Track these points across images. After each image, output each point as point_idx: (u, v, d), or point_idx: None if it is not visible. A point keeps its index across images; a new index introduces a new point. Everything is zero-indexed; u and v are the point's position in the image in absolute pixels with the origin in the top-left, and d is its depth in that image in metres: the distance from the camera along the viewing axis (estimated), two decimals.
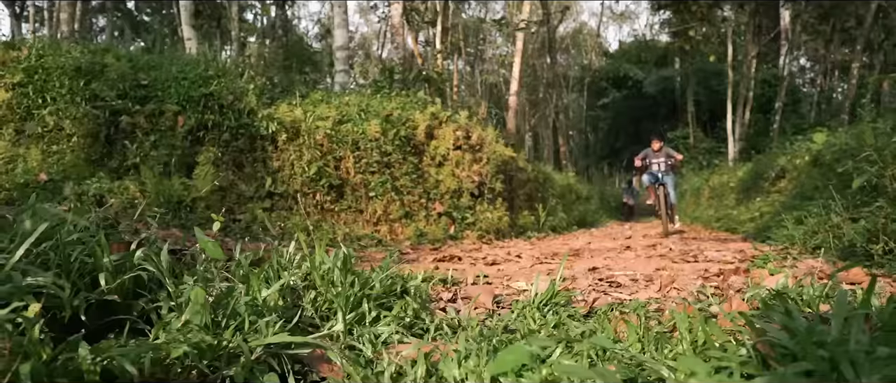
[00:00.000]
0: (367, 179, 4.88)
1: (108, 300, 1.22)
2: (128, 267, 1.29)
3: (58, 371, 0.82)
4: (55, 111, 4.26)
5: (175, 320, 1.14)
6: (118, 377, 0.88)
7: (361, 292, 1.47)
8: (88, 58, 4.57)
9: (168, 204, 4.10)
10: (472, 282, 2.35)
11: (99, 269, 1.24)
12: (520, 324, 1.45)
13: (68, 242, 1.32)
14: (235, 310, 1.17)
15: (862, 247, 2.91)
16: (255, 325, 1.14)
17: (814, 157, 5.38)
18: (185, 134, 4.41)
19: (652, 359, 1.06)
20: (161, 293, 1.29)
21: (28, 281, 1.04)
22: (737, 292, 1.97)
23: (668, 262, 3.35)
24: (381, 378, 1.07)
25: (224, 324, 1.13)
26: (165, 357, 0.95)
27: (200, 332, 1.05)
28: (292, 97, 5.11)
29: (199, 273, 1.35)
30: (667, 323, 1.40)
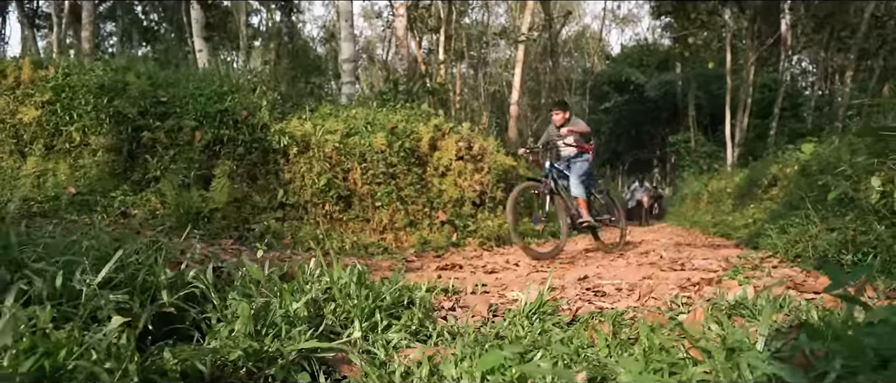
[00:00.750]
0: (374, 190, 5.13)
1: (166, 311, 1.47)
2: (181, 283, 1.54)
3: (148, 370, 1.07)
4: (81, 128, 4.54)
5: (223, 329, 1.38)
6: (189, 375, 1.13)
7: (374, 303, 1.72)
8: (111, 75, 4.85)
9: (187, 215, 4.36)
10: (471, 291, 2.60)
11: (158, 287, 1.48)
12: (509, 332, 1.69)
13: (130, 262, 1.56)
14: (273, 321, 1.42)
15: (834, 257, 3.14)
16: (289, 333, 1.39)
17: (802, 167, 5.60)
18: (202, 148, 4.68)
19: (614, 362, 1.30)
20: (207, 305, 1.53)
21: (111, 298, 1.29)
22: (708, 301, 2.21)
23: (656, 271, 3.58)
24: (393, 377, 1.31)
25: (264, 332, 1.38)
26: (222, 359, 1.20)
27: (246, 339, 1.30)
28: (302, 111, 5.37)
29: (240, 288, 1.60)
30: (633, 331, 1.64)
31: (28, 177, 4.28)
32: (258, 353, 1.28)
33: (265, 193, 4.74)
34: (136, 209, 4.28)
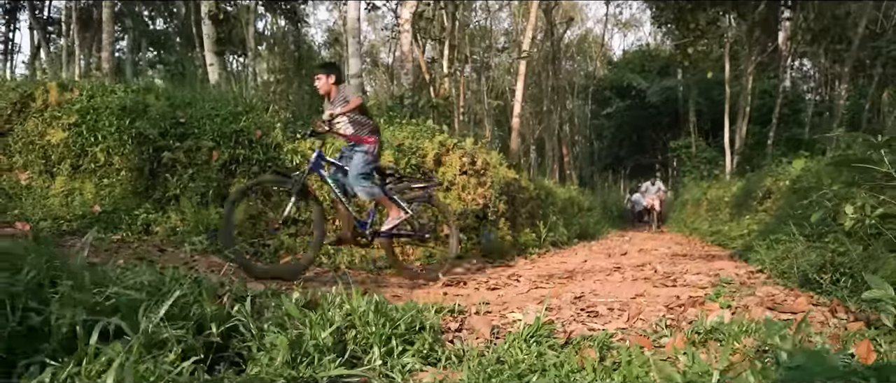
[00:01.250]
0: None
1: (212, 341, 1.70)
2: (225, 316, 1.78)
3: None
4: (105, 148, 4.79)
5: (263, 357, 1.62)
6: None
7: (390, 331, 1.95)
8: (132, 97, 5.11)
9: (206, 231, 4.61)
10: (475, 312, 2.83)
11: (205, 319, 1.71)
12: (509, 356, 1.92)
13: (180, 296, 1.80)
14: (306, 350, 1.65)
15: (813, 277, 3.35)
16: (320, 361, 1.62)
17: (792, 183, 5.82)
18: (219, 167, 4.93)
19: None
20: (246, 334, 1.77)
21: (173, 332, 1.52)
22: (689, 324, 2.43)
23: (649, 287, 3.81)
24: None
25: (299, 360, 1.61)
26: None
27: (285, 367, 1.53)
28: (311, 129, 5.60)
29: (274, 319, 1.84)
30: (619, 356, 1.86)
31: (57, 196, 4.54)
32: (295, 380, 1.51)
33: (278, 210, 4.98)
34: (158, 226, 4.53)
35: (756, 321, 2.22)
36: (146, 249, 4.14)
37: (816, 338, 2.01)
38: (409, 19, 8.11)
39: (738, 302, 2.97)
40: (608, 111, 24.76)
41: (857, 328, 2.29)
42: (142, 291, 1.76)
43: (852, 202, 2.86)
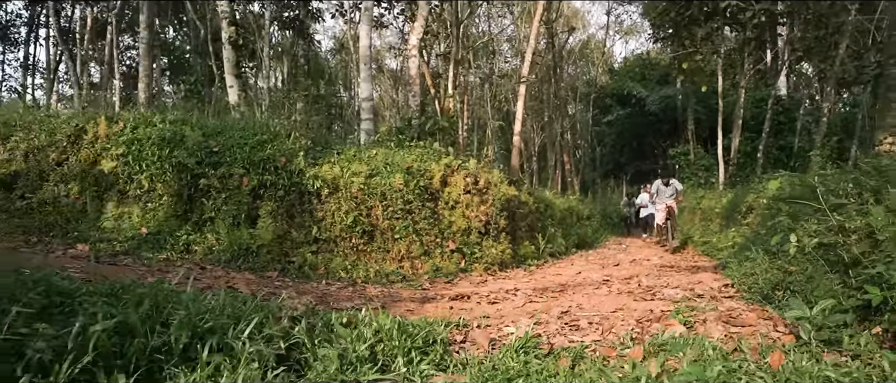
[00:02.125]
0: (393, 224, 5.94)
1: (279, 353, 2.25)
2: (287, 333, 2.34)
3: None
4: (149, 176, 5.40)
5: (319, 365, 2.18)
6: None
7: (410, 344, 2.52)
8: (170, 128, 5.71)
9: (238, 249, 5.20)
10: (476, 325, 3.39)
11: (273, 337, 2.27)
12: (502, 364, 2.48)
13: (251, 318, 2.36)
14: (350, 360, 2.22)
15: (769, 293, 3.89)
16: (360, 368, 2.19)
17: (769, 201, 6.34)
18: (249, 192, 5.52)
19: None
20: (303, 348, 2.33)
21: (255, 348, 2.09)
22: (650, 337, 2.98)
23: (629, 301, 4.36)
24: None
25: (345, 369, 2.17)
26: None
27: (337, 373, 2.09)
28: (331, 154, 6.20)
29: (324, 335, 2.41)
30: (587, 365, 2.42)
31: (108, 219, 5.14)
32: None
33: (302, 230, 5.57)
34: (197, 245, 5.13)
35: (698, 335, 2.78)
36: (189, 267, 4.73)
37: (744, 348, 2.56)
38: (416, 45, 8.69)
39: (700, 316, 3.52)
40: (609, 118, 25.27)
41: (788, 340, 2.84)
42: (228, 316, 2.33)
43: (795, 231, 3.40)
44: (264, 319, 2.36)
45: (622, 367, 2.31)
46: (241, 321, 2.25)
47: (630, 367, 2.14)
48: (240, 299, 2.62)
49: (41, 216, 5.03)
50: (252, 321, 2.20)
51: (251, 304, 2.48)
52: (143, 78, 8.48)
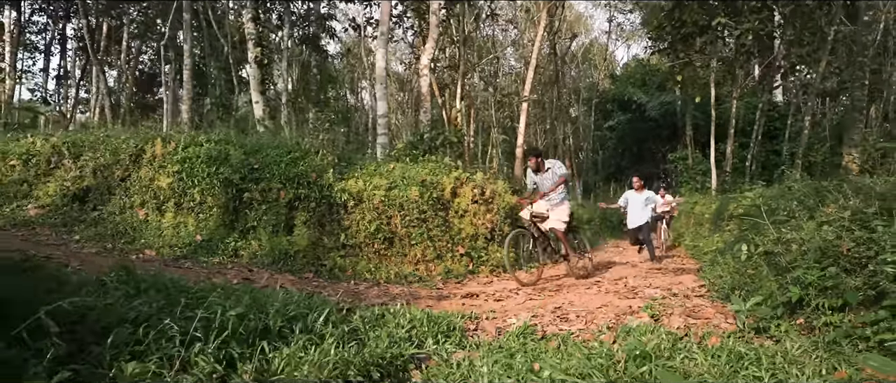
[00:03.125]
0: (410, 231, 6.75)
1: (343, 335, 3.05)
2: (345, 320, 3.14)
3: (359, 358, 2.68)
4: (200, 190, 6.23)
5: (373, 343, 2.98)
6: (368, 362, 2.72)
7: (437, 330, 3.32)
8: (216, 147, 6.55)
9: (278, 254, 6.03)
10: (486, 317, 4.19)
11: (338, 323, 3.07)
12: (506, 344, 3.28)
13: (321, 309, 3.16)
14: (394, 339, 3.02)
15: (728, 293, 4.67)
16: (403, 346, 2.99)
17: (745, 211, 7.11)
18: (285, 204, 6.34)
19: (552, 359, 2.88)
20: (359, 331, 3.12)
21: (327, 330, 2.89)
22: (622, 325, 3.76)
23: (613, 298, 5.15)
24: (451, 367, 2.90)
25: (391, 345, 2.97)
26: (383, 358, 2.80)
27: (388, 349, 2.89)
28: (355, 169, 7.02)
29: (372, 320, 3.21)
30: (569, 346, 3.20)
31: (167, 228, 5.98)
32: (394, 356, 2.87)
33: (331, 237, 6.39)
34: (243, 251, 5.96)
35: (662, 325, 3.57)
36: (238, 270, 5.55)
37: (691, 334, 3.34)
38: (427, 65, 9.49)
39: (668, 311, 4.30)
40: (611, 124, 26.00)
41: (731, 328, 3.63)
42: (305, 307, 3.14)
43: (748, 241, 4.19)
44: (330, 310, 3.17)
45: (595, 347, 3.11)
46: (313, 311, 3.06)
47: (598, 345, 2.94)
48: (303, 295, 3.44)
49: (112, 225, 5.87)
50: (324, 311, 3.02)
51: (317, 299, 3.30)
52: (185, 100, 9.37)
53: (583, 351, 2.87)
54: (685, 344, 3.11)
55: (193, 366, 2.19)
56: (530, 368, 2.68)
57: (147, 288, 2.86)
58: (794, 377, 2.57)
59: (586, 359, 2.64)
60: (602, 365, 2.52)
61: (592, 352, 2.78)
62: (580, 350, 2.96)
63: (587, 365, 2.54)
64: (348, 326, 3.09)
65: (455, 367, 2.83)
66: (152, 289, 2.77)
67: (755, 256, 4.23)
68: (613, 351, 2.85)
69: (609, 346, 2.99)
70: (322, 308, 3.07)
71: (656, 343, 3.00)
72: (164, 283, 2.97)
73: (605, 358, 2.61)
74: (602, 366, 2.50)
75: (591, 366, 2.50)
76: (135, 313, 2.43)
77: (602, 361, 2.58)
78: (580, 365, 2.54)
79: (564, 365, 2.60)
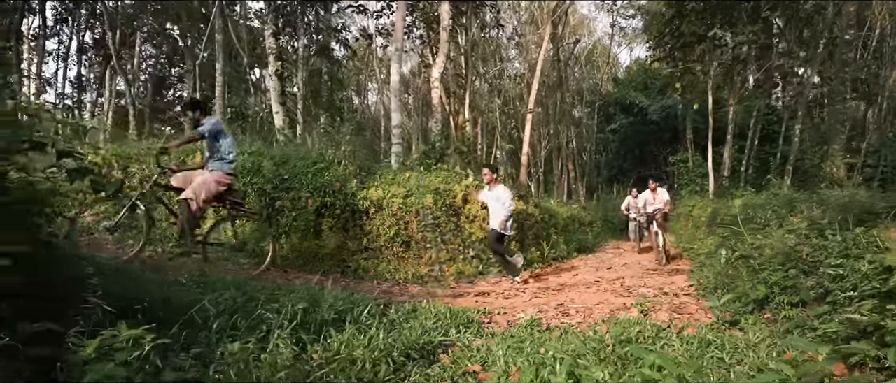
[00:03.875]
0: (425, 235, 7.39)
1: (383, 323, 3.68)
2: (384, 312, 3.78)
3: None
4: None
5: (407, 330, 3.62)
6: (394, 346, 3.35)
7: (457, 322, 3.96)
8: (250, 159, 7.20)
9: (308, 256, 6.68)
10: (497, 312, 4.83)
11: (378, 315, 3.70)
12: (516, 334, 3.91)
13: (364, 304, 3.79)
14: (424, 328, 3.66)
15: (711, 292, 5.28)
16: (431, 333, 3.62)
17: (732, 217, 7.70)
18: (313, 211, 6.99)
19: (555, 346, 3.51)
20: (395, 323, 3.76)
21: (370, 321, 3.53)
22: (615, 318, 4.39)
23: (610, 296, 5.77)
24: (472, 351, 3.53)
25: (423, 333, 3.60)
26: (414, 343, 3.43)
27: (419, 337, 3.53)
28: (374, 179, 7.66)
29: (404, 313, 3.86)
30: (569, 335, 3.83)
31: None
32: (425, 342, 3.51)
33: (355, 240, 7.04)
34: (277, 252, 6.60)
35: (649, 319, 4.20)
36: (274, 270, 6.20)
37: (672, 325, 3.97)
38: (438, 77, 10.13)
39: (656, 307, 4.93)
40: (613, 127, 26.57)
41: (708, 321, 4.25)
42: (351, 303, 3.79)
43: (725, 247, 4.81)
44: (371, 306, 3.82)
45: (590, 335, 3.74)
46: (357, 306, 3.71)
47: (593, 334, 3.57)
48: (347, 294, 4.09)
49: (159, 231, 6.53)
50: (366, 306, 3.67)
51: (357, 297, 3.95)
52: (217, 113, 10.03)
53: (581, 338, 3.50)
54: (667, 334, 3.74)
55: (275, 347, 2.83)
56: (537, 351, 3.31)
57: (224, 288, 3.51)
58: (750, 358, 3.19)
59: (583, 344, 3.27)
60: (595, 348, 3.15)
61: (588, 339, 3.41)
62: (578, 338, 3.60)
63: (583, 347, 3.17)
64: (386, 318, 3.74)
65: (475, 351, 3.46)
66: (232, 287, 3.41)
67: (733, 260, 4.85)
68: (605, 337, 3.49)
69: (602, 334, 3.62)
70: (364, 303, 3.72)
71: (641, 331, 3.64)
72: (237, 283, 3.62)
73: (598, 343, 3.24)
74: (595, 349, 3.13)
75: (587, 348, 3.13)
76: (224, 306, 3.09)
77: (595, 345, 3.21)
78: (578, 348, 3.18)
79: (565, 348, 3.23)
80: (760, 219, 5.05)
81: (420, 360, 3.22)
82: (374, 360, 2.97)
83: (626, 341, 3.25)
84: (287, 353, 2.72)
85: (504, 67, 20.20)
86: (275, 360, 2.61)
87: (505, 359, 3.21)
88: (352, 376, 2.76)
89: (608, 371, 2.62)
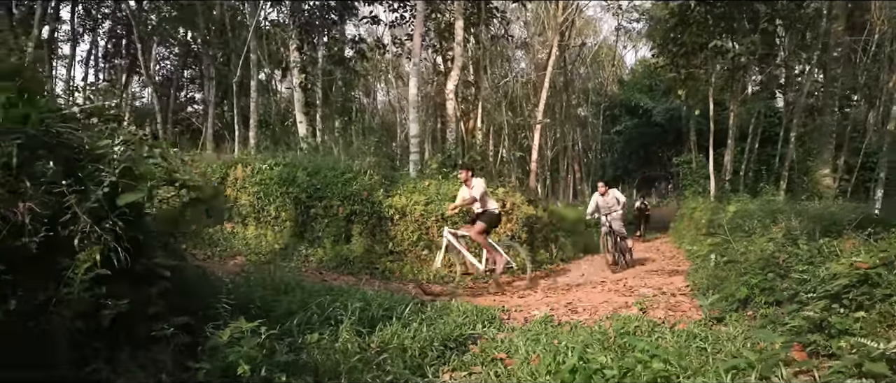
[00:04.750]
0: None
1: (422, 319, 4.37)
2: (421, 309, 4.48)
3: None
4: (274, 207, 7.62)
5: (441, 324, 4.31)
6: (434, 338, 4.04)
7: (482, 317, 4.65)
8: (285, 170, 7.93)
9: (340, 259, 7.40)
10: (514, 310, 5.52)
11: (417, 312, 4.39)
12: (532, 328, 4.60)
13: (405, 303, 4.48)
14: (456, 323, 4.36)
15: (703, 293, 5.94)
16: (462, 328, 4.32)
17: (726, 222, 8.35)
18: (343, 218, 7.71)
19: (566, 337, 4.20)
20: (430, 318, 4.45)
21: (411, 317, 4.23)
22: (617, 316, 5.06)
23: (613, 296, 6.45)
24: (497, 342, 4.22)
25: (455, 328, 4.29)
26: (449, 334, 4.13)
27: (451, 330, 4.21)
28: (397, 188, 8.37)
29: (439, 310, 4.56)
30: (577, 330, 4.50)
31: (250, 239, 7.37)
32: (457, 334, 4.19)
33: (381, 244, 7.76)
34: (312, 257, 7.34)
35: (646, 316, 4.89)
36: (311, 272, 6.93)
37: (666, 321, 4.64)
38: (452, 90, 10.81)
39: (654, 305, 5.61)
40: (618, 128, 27.17)
41: (698, 318, 4.93)
42: (394, 302, 4.49)
43: (716, 252, 5.47)
44: (411, 304, 4.52)
45: (596, 329, 4.42)
46: (400, 304, 4.41)
47: (598, 328, 4.26)
48: (389, 294, 4.80)
49: (206, 237, 7.27)
50: (408, 304, 4.37)
51: (397, 297, 4.65)
52: (253, 127, 10.81)
53: (588, 331, 4.19)
54: (661, 328, 4.42)
55: (339, 337, 3.54)
56: (552, 342, 4.00)
57: (290, 290, 4.23)
58: (728, 348, 3.86)
59: (589, 336, 3.96)
60: (599, 339, 3.83)
61: (594, 332, 4.10)
62: (586, 331, 4.28)
63: (590, 338, 3.85)
64: (424, 315, 4.44)
65: (499, 342, 4.15)
66: (298, 289, 4.12)
67: (722, 264, 5.51)
68: (608, 331, 4.17)
69: (606, 328, 4.31)
70: (405, 302, 4.42)
71: (639, 326, 4.32)
72: (299, 285, 4.33)
73: (602, 335, 3.92)
74: (599, 340, 3.82)
75: (593, 339, 3.82)
76: (297, 305, 3.80)
77: (599, 337, 3.89)
78: (585, 339, 3.86)
79: (575, 339, 3.92)
80: (747, 227, 5.69)
81: (455, 349, 3.92)
82: (420, 349, 3.67)
83: (625, 334, 3.93)
84: (353, 343, 3.43)
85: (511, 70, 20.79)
86: (346, 348, 3.32)
87: (525, 348, 3.90)
88: (404, 361, 3.46)
89: (610, 356, 3.29)
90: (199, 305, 3.05)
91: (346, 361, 3.21)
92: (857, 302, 3.14)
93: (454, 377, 3.44)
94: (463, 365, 3.63)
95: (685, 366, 3.14)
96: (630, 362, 3.05)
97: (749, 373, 3.02)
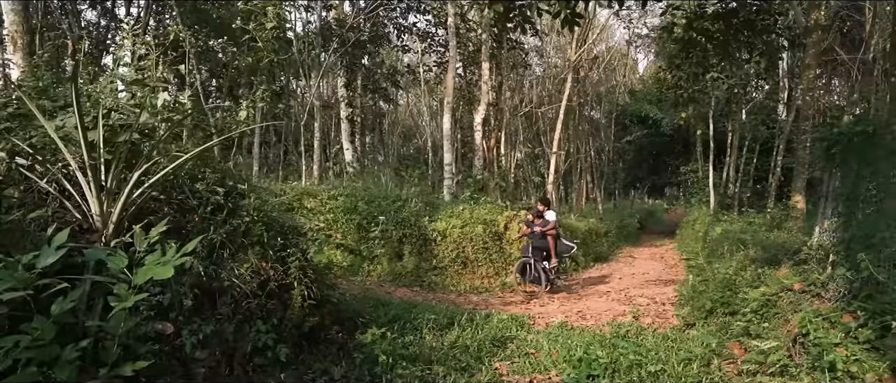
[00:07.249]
0: (478, 256, 9.87)
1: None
2: (471, 320, 6.23)
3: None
4: (341, 231, 9.45)
5: (495, 322, 6.05)
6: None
7: (516, 323, 6.40)
8: (348, 201, 9.76)
9: (395, 275, 9.22)
10: (538, 317, 7.25)
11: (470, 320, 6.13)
12: (552, 331, 6.33)
13: (461, 313, 6.22)
14: (498, 328, 6.11)
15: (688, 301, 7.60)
16: (506, 326, 6.06)
17: (715, 238, 9.95)
18: (396, 240, 9.52)
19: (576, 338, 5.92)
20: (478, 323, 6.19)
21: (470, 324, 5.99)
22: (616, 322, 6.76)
23: (615, 304, 8.15)
24: (527, 342, 5.95)
25: (496, 332, 6.03)
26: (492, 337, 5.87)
27: (499, 330, 5.95)
28: (438, 213, 10.15)
29: (483, 321, 6.33)
30: (583, 332, 6.20)
31: (323, 258, 9.21)
32: (500, 336, 5.93)
33: (427, 261, 9.55)
34: (372, 273, 9.16)
35: (637, 321, 6.61)
36: (375, 285, 8.73)
37: (653, 326, 6.36)
38: (480, 123, 12.55)
39: (645, 312, 7.31)
40: (629, 138, 28.66)
41: (676, 324, 6.63)
42: (451, 312, 6.25)
43: (693, 272, 7.15)
44: (465, 315, 6.28)
45: (598, 332, 6.13)
46: (457, 314, 6.18)
47: (599, 332, 5.99)
48: (448, 306, 6.58)
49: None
50: (463, 314, 6.14)
51: (453, 309, 6.42)
52: (317, 161, 12.75)
53: (592, 334, 5.91)
54: (646, 332, 6.13)
55: (424, 338, 5.31)
56: (566, 342, 5.72)
57: (382, 304, 6.03)
58: (686, 346, 5.56)
59: (593, 337, 5.69)
60: (599, 340, 5.56)
61: (596, 335, 5.83)
62: (590, 334, 6.01)
63: (593, 339, 5.59)
64: (474, 322, 6.20)
65: (529, 342, 5.89)
66: (391, 304, 5.93)
67: (698, 283, 7.19)
68: (606, 334, 5.89)
69: (605, 332, 6.03)
70: (461, 313, 6.20)
71: (629, 330, 6.04)
72: (389, 301, 6.14)
73: (601, 337, 5.65)
74: (599, 340, 5.54)
75: (594, 340, 5.55)
76: (392, 315, 5.60)
77: (600, 338, 5.62)
78: (589, 339, 5.60)
79: (582, 339, 5.66)
80: (721, 251, 7.33)
81: (500, 346, 5.68)
82: (477, 346, 5.44)
83: (618, 336, 5.65)
84: (435, 342, 5.21)
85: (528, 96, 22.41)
86: (431, 345, 5.10)
87: (548, 346, 5.65)
88: (469, 354, 5.22)
89: (605, 351, 5.02)
90: (342, 318, 4.87)
91: (434, 354, 4.99)
92: (763, 316, 4.83)
93: (502, 365, 5.21)
94: (507, 357, 5.39)
95: (654, 358, 4.86)
96: (616, 354, 4.79)
97: (694, 362, 4.75)
